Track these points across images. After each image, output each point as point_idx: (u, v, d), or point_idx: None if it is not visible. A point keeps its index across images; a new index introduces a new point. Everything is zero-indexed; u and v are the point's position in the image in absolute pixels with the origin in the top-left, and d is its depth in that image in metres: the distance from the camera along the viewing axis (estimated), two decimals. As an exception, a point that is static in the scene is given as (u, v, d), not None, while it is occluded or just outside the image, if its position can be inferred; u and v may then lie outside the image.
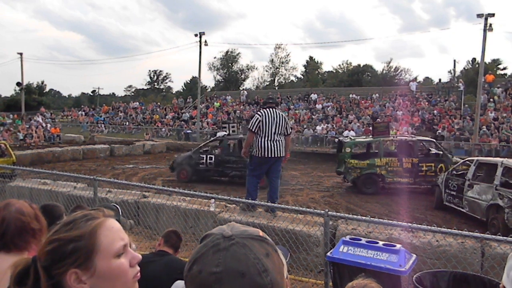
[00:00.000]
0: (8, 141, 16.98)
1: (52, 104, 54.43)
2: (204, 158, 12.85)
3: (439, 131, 21.10)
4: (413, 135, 13.46)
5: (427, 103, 25.85)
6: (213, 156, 12.92)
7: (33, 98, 47.03)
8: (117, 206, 2.95)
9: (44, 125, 27.35)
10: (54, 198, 6.68)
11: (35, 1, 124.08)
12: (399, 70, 52.53)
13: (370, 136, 12.96)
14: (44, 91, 60.64)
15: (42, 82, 60.00)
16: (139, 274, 1.00)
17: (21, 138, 22.80)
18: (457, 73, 43.30)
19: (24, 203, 1.63)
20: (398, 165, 11.44)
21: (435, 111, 24.22)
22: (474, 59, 48.80)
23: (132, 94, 66.50)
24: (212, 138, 16.28)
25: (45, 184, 7.90)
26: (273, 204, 5.63)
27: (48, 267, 0.90)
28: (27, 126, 25.36)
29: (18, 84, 35.70)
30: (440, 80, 30.96)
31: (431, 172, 11.31)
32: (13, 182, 8.21)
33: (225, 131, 14.07)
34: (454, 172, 9.61)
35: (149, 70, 68.64)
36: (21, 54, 34.21)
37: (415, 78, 45.11)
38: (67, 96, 77.22)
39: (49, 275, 0.90)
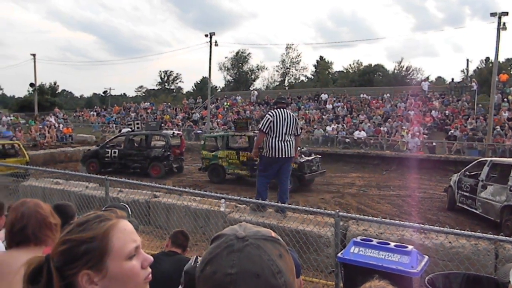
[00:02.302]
0: (21, 141, 17.23)
1: (64, 104, 55.04)
2: (109, 152, 14.23)
3: (452, 131, 20.82)
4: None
5: (439, 102, 25.52)
6: (117, 151, 14.24)
7: (45, 99, 47.61)
8: (126, 205, 2.96)
9: (56, 125, 27.67)
10: (66, 198, 6.76)
11: (47, 2, 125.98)
12: (410, 70, 52.03)
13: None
14: (57, 92, 61.54)
15: (55, 83, 61.03)
16: (150, 275, 1.00)
17: (38, 139, 23.04)
18: (470, 72, 42.76)
19: (38, 201, 1.71)
20: (236, 158, 12.58)
21: (447, 111, 23.91)
22: (487, 58, 48.16)
23: (143, 94, 67.14)
24: (117, 134, 17.67)
25: (57, 183, 8.02)
26: (283, 204, 5.62)
27: (60, 267, 0.91)
28: (40, 126, 25.65)
29: (31, 85, 36.09)
30: (452, 79, 30.34)
31: None
32: (27, 181, 8.34)
33: (131, 128, 15.35)
34: (467, 173, 9.48)
35: (160, 71, 69.35)
36: (34, 55, 34.66)
37: (427, 78, 44.58)
38: (79, 97, 78.21)
39: (61, 276, 0.90)
